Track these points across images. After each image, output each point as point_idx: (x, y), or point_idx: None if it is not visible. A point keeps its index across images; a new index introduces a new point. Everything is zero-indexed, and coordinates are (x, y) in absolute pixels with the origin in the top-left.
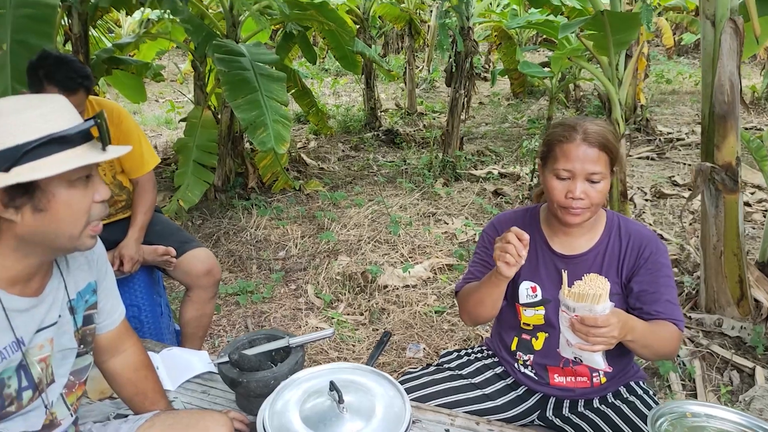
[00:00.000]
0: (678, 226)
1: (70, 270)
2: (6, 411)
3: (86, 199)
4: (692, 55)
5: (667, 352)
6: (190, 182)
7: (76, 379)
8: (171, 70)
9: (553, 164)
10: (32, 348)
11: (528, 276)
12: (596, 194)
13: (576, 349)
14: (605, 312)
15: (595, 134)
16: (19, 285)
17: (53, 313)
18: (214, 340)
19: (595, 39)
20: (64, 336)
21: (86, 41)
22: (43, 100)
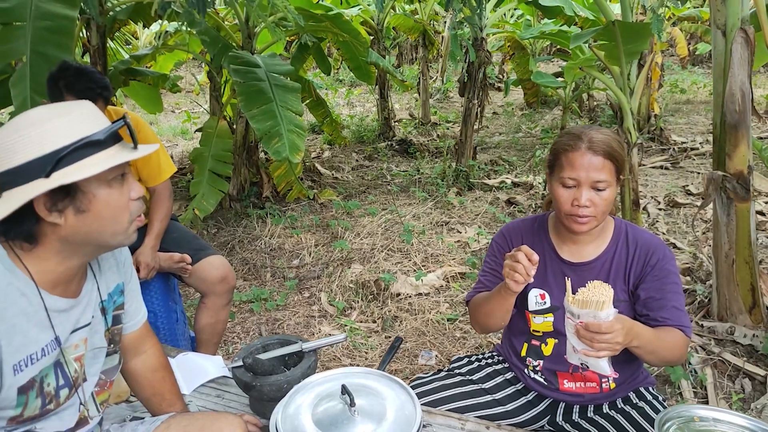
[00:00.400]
0: (691, 235)
1: (102, 272)
2: (46, 409)
3: (124, 197)
4: (707, 65)
5: (674, 358)
6: (205, 191)
7: (107, 377)
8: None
9: (559, 173)
10: (68, 347)
11: (537, 284)
12: (602, 202)
13: (582, 355)
14: (609, 318)
15: (600, 143)
16: (61, 287)
17: (87, 314)
18: (229, 347)
19: (607, 49)
20: (96, 335)
21: (104, 53)
22: (72, 106)
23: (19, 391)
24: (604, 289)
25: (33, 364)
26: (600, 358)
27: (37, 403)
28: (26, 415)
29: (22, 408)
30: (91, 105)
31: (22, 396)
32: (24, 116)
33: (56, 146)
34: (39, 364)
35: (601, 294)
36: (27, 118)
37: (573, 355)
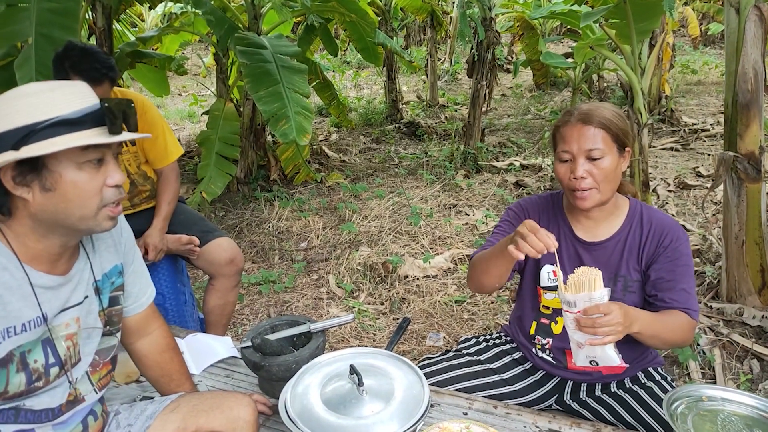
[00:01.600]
0: (701, 216)
1: (96, 251)
2: (34, 386)
3: (95, 182)
4: (719, 45)
5: (678, 341)
6: (212, 174)
7: (101, 358)
8: (194, 63)
9: (556, 149)
10: (59, 326)
11: (550, 260)
12: (600, 172)
13: (588, 348)
14: (604, 298)
15: (590, 113)
16: (46, 264)
17: (79, 293)
18: (237, 329)
19: (618, 28)
20: (89, 315)
21: (110, 35)
22: (61, 84)
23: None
24: (591, 271)
25: (10, 337)
26: (606, 345)
27: (20, 378)
28: (11, 391)
29: (4, 384)
30: (83, 85)
31: (2, 370)
32: (11, 91)
33: (29, 121)
34: (18, 338)
35: (590, 274)
36: (14, 92)
37: (579, 353)
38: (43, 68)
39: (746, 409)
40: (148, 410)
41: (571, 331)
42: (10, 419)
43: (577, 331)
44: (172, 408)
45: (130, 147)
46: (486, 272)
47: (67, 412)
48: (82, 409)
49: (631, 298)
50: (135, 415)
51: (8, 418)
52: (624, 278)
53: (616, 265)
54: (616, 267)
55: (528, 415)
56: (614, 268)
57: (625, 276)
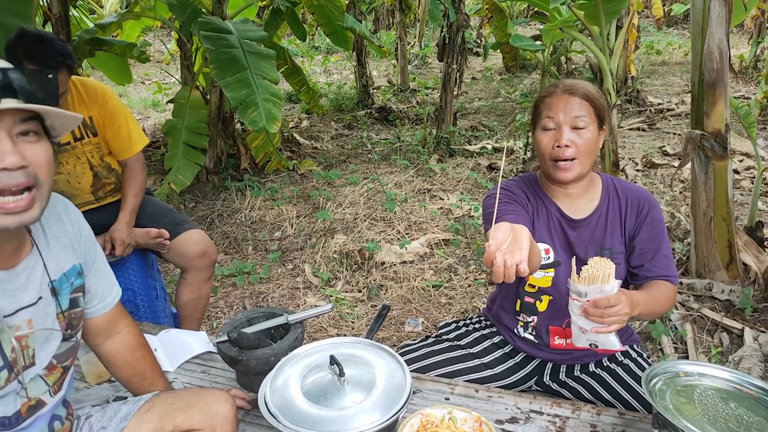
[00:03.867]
0: (668, 194)
1: (51, 249)
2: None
3: None
4: (681, 26)
5: (666, 311)
6: (180, 165)
7: (57, 362)
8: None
9: (539, 120)
10: (10, 328)
11: (542, 238)
12: (583, 142)
13: (591, 334)
14: (614, 291)
15: (577, 85)
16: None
17: (31, 293)
18: (212, 322)
19: (586, 9)
20: (46, 318)
21: (67, 22)
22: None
23: None
24: (606, 263)
25: None
26: (610, 333)
27: None
28: None
29: None
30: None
31: None
32: None
33: None
34: None
35: (604, 268)
36: None
37: (580, 337)
38: None
39: (721, 383)
40: (122, 411)
41: (576, 317)
42: None
43: (582, 317)
44: (147, 408)
45: (92, 138)
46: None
47: (28, 419)
48: (44, 413)
49: (618, 270)
50: (108, 416)
51: None
52: (609, 250)
53: (601, 238)
54: (601, 240)
55: (509, 397)
56: (599, 241)
57: (610, 248)
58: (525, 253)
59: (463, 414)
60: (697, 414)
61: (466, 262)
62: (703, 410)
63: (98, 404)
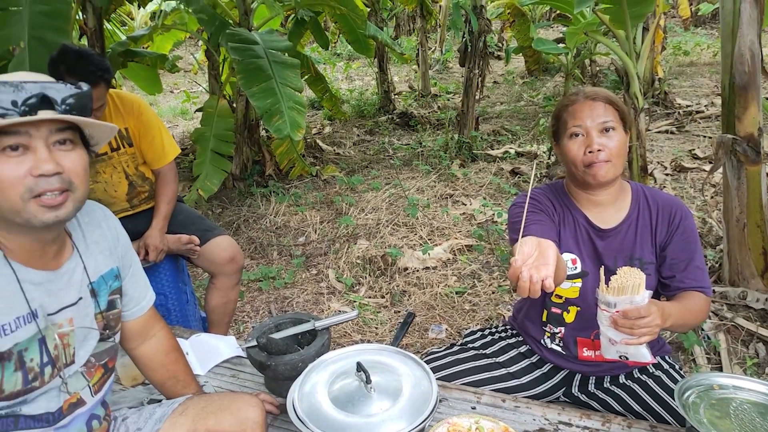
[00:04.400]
0: (699, 199)
1: (90, 253)
2: (31, 386)
3: (14, 171)
4: (710, 26)
5: (698, 322)
6: (208, 171)
7: (96, 360)
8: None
9: (564, 130)
10: (53, 326)
11: (568, 248)
12: (614, 144)
13: (621, 346)
14: (644, 302)
15: (598, 91)
16: (32, 259)
17: (72, 293)
18: (239, 326)
19: (612, 12)
20: (85, 318)
21: (101, 35)
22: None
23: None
24: (636, 273)
25: (6, 335)
26: (641, 345)
27: (16, 377)
28: (6, 390)
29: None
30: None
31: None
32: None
33: None
34: (13, 336)
35: (634, 278)
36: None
37: (610, 348)
38: (37, 71)
39: (758, 397)
40: (156, 413)
41: (605, 328)
42: (10, 426)
43: (611, 328)
44: (181, 411)
45: (128, 148)
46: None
47: (68, 416)
48: (83, 412)
49: (648, 281)
50: (144, 418)
51: (8, 425)
52: (639, 260)
53: (631, 248)
54: (630, 250)
55: (537, 408)
56: (629, 251)
57: (640, 258)
58: (551, 269)
59: (490, 424)
60: (733, 429)
61: (490, 269)
62: (740, 425)
63: (133, 406)
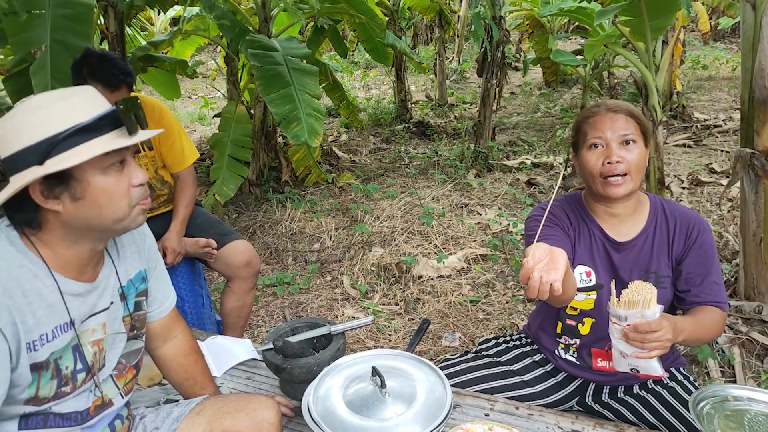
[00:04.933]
0: (716, 213)
1: (121, 258)
2: (62, 391)
3: (121, 185)
4: (729, 40)
5: (713, 337)
6: (225, 177)
7: (126, 362)
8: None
9: (584, 142)
10: (85, 331)
11: (583, 260)
12: (634, 158)
13: (632, 359)
14: (656, 316)
15: (619, 104)
16: (74, 270)
17: (105, 299)
18: (254, 330)
19: (632, 25)
20: (115, 321)
21: (122, 39)
22: (70, 92)
23: (32, 369)
24: (647, 288)
25: (44, 345)
26: (651, 359)
27: (52, 384)
28: (41, 396)
29: (35, 389)
30: (92, 90)
31: (35, 374)
32: (21, 104)
33: (48, 134)
34: (51, 345)
35: (646, 292)
36: (22, 106)
37: (621, 361)
38: (59, 74)
39: None
40: (174, 413)
41: (616, 341)
42: (39, 424)
43: (622, 341)
44: (197, 411)
45: (148, 152)
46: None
47: (96, 417)
48: (109, 413)
49: (663, 294)
50: (161, 418)
51: (37, 423)
52: (655, 274)
53: (647, 261)
54: (646, 263)
55: (550, 416)
56: (645, 264)
57: (656, 272)
58: (560, 273)
59: (503, 431)
60: None
61: (504, 278)
62: None
63: (150, 406)
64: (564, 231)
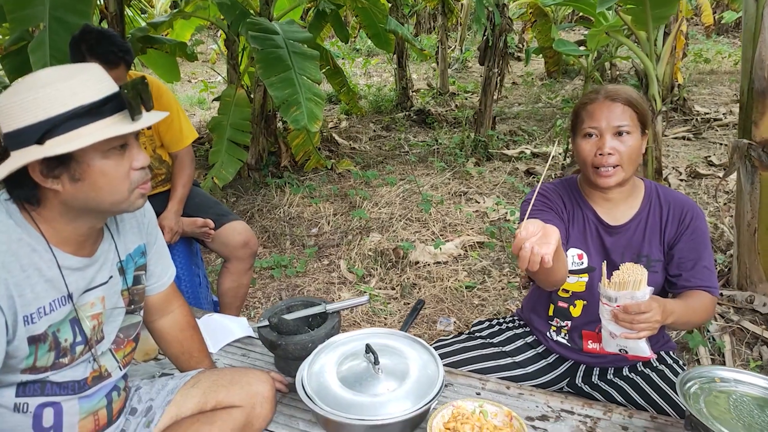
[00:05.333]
0: (712, 205)
1: (120, 233)
2: (60, 362)
3: (122, 168)
4: (732, 34)
5: (703, 321)
6: (224, 160)
7: (124, 336)
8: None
9: (580, 128)
10: (84, 305)
11: (576, 243)
12: (626, 150)
13: (621, 339)
14: (646, 297)
15: (618, 90)
16: (73, 246)
17: (104, 273)
18: (250, 311)
19: (634, 13)
20: (114, 296)
21: (122, 20)
22: (76, 71)
23: (30, 341)
24: (638, 269)
25: (42, 318)
26: (640, 340)
27: (49, 355)
28: (39, 365)
29: (33, 359)
30: (98, 69)
31: (32, 346)
32: (27, 79)
33: (50, 114)
34: (48, 318)
35: (636, 274)
36: (28, 82)
37: (610, 342)
38: (57, 52)
39: (758, 391)
40: (169, 385)
41: (606, 321)
42: (37, 392)
43: (612, 322)
44: (192, 383)
45: (146, 131)
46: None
47: (93, 387)
48: (107, 384)
49: (654, 278)
50: (156, 389)
51: (35, 390)
52: (647, 258)
53: (639, 245)
54: (638, 247)
55: (540, 396)
56: (637, 248)
57: (648, 256)
58: (552, 247)
59: (493, 408)
60: (731, 419)
61: (500, 265)
62: (738, 416)
63: (146, 378)
64: (557, 215)
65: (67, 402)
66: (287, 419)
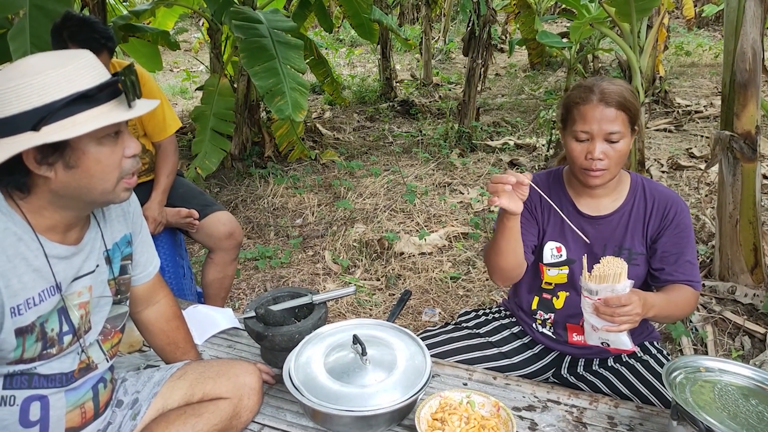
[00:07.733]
0: (694, 197)
1: (107, 222)
2: (47, 352)
3: (116, 155)
4: (713, 28)
5: (685, 314)
6: (207, 150)
7: (111, 326)
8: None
9: (571, 126)
10: (71, 294)
11: (553, 236)
12: (615, 154)
13: (602, 332)
14: (626, 290)
15: (613, 93)
16: (59, 234)
17: (91, 262)
18: (235, 303)
19: (618, 5)
20: (101, 285)
21: (103, 7)
22: (70, 57)
23: (17, 333)
24: (618, 263)
25: (30, 309)
26: (621, 333)
27: (36, 346)
28: (26, 357)
29: (20, 351)
30: (90, 56)
31: (20, 338)
32: (19, 64)
33: (45, 100)
34: (37, 309)
35: (616, 267)
36: (21, 67)
37: (592, 335)
38: (38, 40)
39: (743, 380)
40: (155, 377)
41: (587, 314)
42: (24, 384)
43: (593, 315)
44: (179, 375)
45: (129, 120)
46: (499, 252)
47: (80, 379)
48: (93, 376)
49: (635, 271)
50: (142, 382)
51: (22, 383)
52: (629, 251)
53: (621, 237)
54: (620, 239)
55: (527, 386)
56: (619, 240)
57: (629, 249)
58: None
59: (481, 398)
60: (716, 408)
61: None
62: (723, 405)
63: (131, 370)
64: (530, 213)
65: (54, 395)
66: (274, 411)
